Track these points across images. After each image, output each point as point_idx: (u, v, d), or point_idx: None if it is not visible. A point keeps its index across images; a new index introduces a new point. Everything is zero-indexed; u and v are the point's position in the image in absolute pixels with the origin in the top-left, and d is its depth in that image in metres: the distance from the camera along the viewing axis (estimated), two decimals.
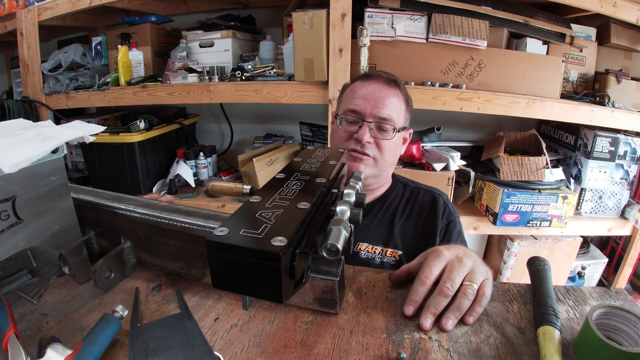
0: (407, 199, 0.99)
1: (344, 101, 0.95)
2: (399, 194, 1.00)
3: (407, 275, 0.59)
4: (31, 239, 0.49)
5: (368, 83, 0.92)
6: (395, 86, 0.92)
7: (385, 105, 0.88)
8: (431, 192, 1.00)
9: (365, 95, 0.89)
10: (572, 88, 1.62)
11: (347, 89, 0.97)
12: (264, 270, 0.32)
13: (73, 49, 1.84)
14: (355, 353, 0.45)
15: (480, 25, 1.35)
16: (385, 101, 0.88)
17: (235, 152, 1.97)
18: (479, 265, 0.56)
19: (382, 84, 0.91)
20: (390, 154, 0.92)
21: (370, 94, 0.89)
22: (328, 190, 0.48)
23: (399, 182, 1.03)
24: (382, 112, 0.88)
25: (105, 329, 0.44)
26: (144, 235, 0.59)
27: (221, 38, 1.64)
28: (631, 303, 0.56)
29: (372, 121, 0.88)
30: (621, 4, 1.30)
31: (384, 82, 0.91)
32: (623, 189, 1.54)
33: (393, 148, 0.92)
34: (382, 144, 0.89)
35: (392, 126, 0.89)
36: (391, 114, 0.88)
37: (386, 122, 0.88)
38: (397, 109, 0.90)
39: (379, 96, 0.89)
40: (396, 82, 0.93)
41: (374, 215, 0.96)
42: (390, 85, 0.91)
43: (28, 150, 0.44)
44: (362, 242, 0.92)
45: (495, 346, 0.46)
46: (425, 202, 0.98)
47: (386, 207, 0.97)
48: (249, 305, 0.53)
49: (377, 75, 0.93)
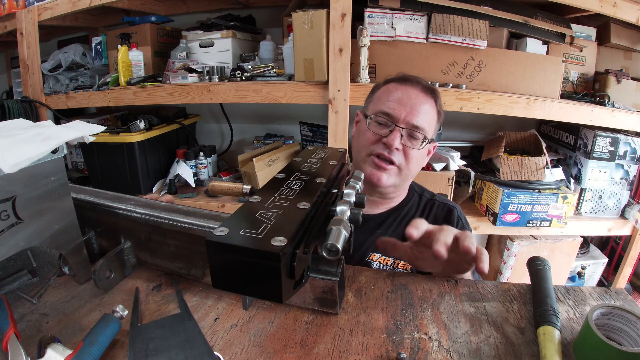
0: (422, 210, 0.97)
1: (374, 101, 0.91)
2: (415, 204, 0.98)
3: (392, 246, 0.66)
4: (31, 239, 0.49)
5: (405, 87, 0.88)
6: (432, 95, 0.89)
7: (419, 113, 0.85)
8: (446, 205, 0.98)
9: (401, 99, 0.85)
10: (572, 88, 1.62)
11: (380, 89, 0.93)
12: (264, 270, 0.32)
13: (73, 49, 1.84)
14: (355, 353, 0.45)
15: (480, 25, 1.35)
16: (420, 109, 0.85)
17: (235, 152, 1.97)
18: None
19: (420, 90, 0.87)
20: (415, 164, 0.89)
21: (407, 98, 0.85)
22: (328, 190, 0.48)
23: (415, 192, 1.01)
24: (416, 119, 0.84)
25: (105, 329, 0.44)
26: (144, 235, 0.59)
27: (221, 38, 1.64)
28: (631, 303, 0.56)
29: (404, 127, 0.84)
30: (621, 4, 1.30)
31: (422, 89, 0.88)
32: (623, 189, 1.54)
33: (419, 159, 0.89)
34: (410, 153, 0.86)
35: (423, 135, 0.85)
36: (424, 123, 0.85)
37: (418, 130, 0.85)
38: (430, 119, 0.87)
39: (415, 103, 0.85)
40: (434, 92, 0.90)
41: (388, 225, 0.93)
42: (428, 94, 0.88)
43: (28, 150, 0.44)
44: (374, 252, 0.89)
45: (495, 346, 0.46)
46: (440, 215, 0.96)
47: (401, 218, 0.95)
48: (249, 305, 0.53)
49: (415, 80, 0.89)
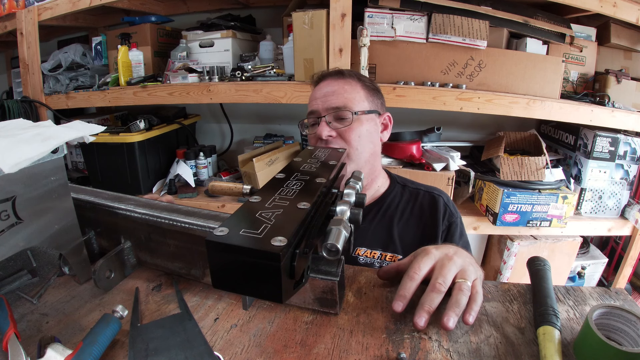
0: (407, 200, 0.95)
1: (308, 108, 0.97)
2: (397, 195, 0.97)
3: (395, 272, 0.58)
4: (31, 239, 0.49)
5: (319, 85, 0.94)
6: (342, 77, 0.92)
7: (334, 94, 0.88)
8: (431, 193, 0.96)
9: (317, 96, 0.92)
10: (572, 88, 1.62)
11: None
12: (264, 270, 0.32)
13: (73, 49, 1.84)
14: (355, 353, 0.45)
15: (480, 25, 1.35)
16: (334, 92, 0.89)
17: (235, 152, 1.97)
18: (470, 264, 0.55)
19: (330, 79, 0.93)
20: (360, 142, 0.88)
21: (319, 92, 0.92)
22: (328, 190, 0.48)
23: (397, 183, 1.00)
24: (333, 102, 0.88)
25: (105, 329, 0.44)
26: (144, 235, 0.59)
27: (221, 38, 1.64)
28: (631, 303, 0.56)
29: (325, 115, 0.88)
30: (621, 4, 1.30)
31: (331, 77, 0.93)
32: (623, 189, 1.54)
33: (364, 135, 0.88)
34: (345, 133, 0.87)
35: (348, 111, 0.87)
36: (344, 101, 0.88)
37: (340, 110, 0.87)
38: (351, 95, 0.89)
39: (327, 91, 0.90)
40: (342, 73, 0.93)
41: (371, 218, 0.92)
42: (338, 78, 0.92)
43: (28, 150, 0.44)
44: (360, 246, 0.89)
45: (495, 346, 0.46)
46: (425, 203, 0.94)
47: (384, 210, 0.94)
48: (249, 305, 0.53)
49: (325, 74, 0.95)
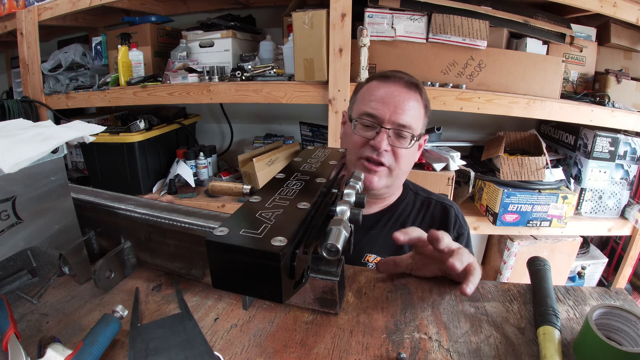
0: (418, 209, 0.95)
1: (358, 102, 0.88)
2: (410, 203, 0.95)
3: (393, 265, 0.60)
4: (31, 239, 0.49)
5: (387, 84, 0.85)
6: (416, 90, 0.85)
7: (404, 110, 0.81)
8: (442, 203, 0.95)
9: (384, 98, 0.82)
10: (572, 88, 1.62)
11: (362, 88, 0.90)
12: (264, 270, 0.32)
13: (73, 49, 1.84)
14: (355, 353, 0.45)
15: (480, 25, 1.35)
16: (405, 106, 0.82)
17: (235, 152, 1.97)
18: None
19: (403, 86, 0.84)
20: (406, 162, 0.87)
21: (390, 97, 0.82)
22: (328, 190, 0.48)
23: (410, 190, 0.98)
24: (401, 118, 0.81)
25: (105, 329, 0.44)
26: (144, 235, 0.59)
27: (221, 38, 1.64)
28: (631, 303, 0.56)
29: (390, 127, 0.81)
30: (621, 4, 1.30)
31: (404, 84, 0.84)
32: (623, 189, 1.54)
33: (409, 156, 0.87)
34: (399, 152, 0.83)
35: (410, 134, 0.83)
36: (411, 120, 0.82)
37: (405, 129, 0.82)
38: (416, 114, 0.84)
39: (398, 100, 0.82)
40: (417, 86, 0.86)
41: (383, 225, 0.91)
42: (411, 89, 0.85)
43: (28, 150, 0.44)
44: (369, 253, 0.87)
45: (495, 346, 0.46)
46: (437, 213, 0.94)
47: (396, 217, 0.92)
48: (249, 305, 0.53)
49: (397, 76, 0.86)
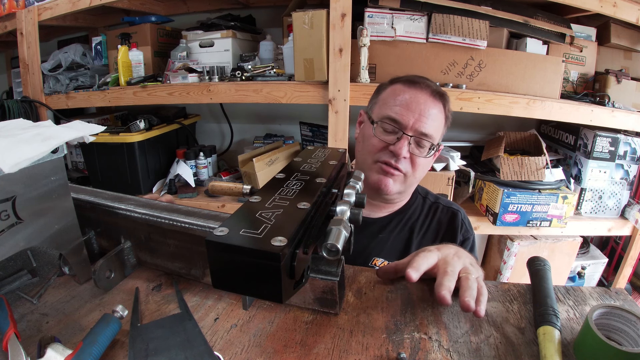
0: (426, 214, 0.95)
1: (380, 103, 0.87)
2: (419, 207, 0.96)
3: (394, 271, 0.59)
4: (31, 239, 0.49)
5: (413, 90, 0.83)
6: (441, 100, 0.85)
7: (428, 119, 0.81)
8: (450, 209, 0.95)
9: (409, 104, 0.81)
10: (572, 88, 1.62)
11: (386, 90, 0.88)
12: (264, 270, 0.32)
13: (73, 49, 1.84)
14: (355, 353, 0.45)
15: (480, 25, 1.35)
16: (428, 114, 0.81)
17: (235, 152, 1.97)
18: (470, 264, 0.57)
19: (429, 95, 0.83)
20: (421, 171, 0.87)
21: (415, 103, 0.81)
22: (328, 190, 0.48)
23: (419, 194, 0.98)
24: (424, 127, 0.80)
25: (105, 329, 0.44)
26: (144, 235, 0.59)
27: (221, 38, 1.64)
28: (631, 303, 0.56)
29: (412, 135, 0.81)
30: (621, 4, 1.30)
31: (431, 93, 0.83)
32: (623, 189, 1.54)
33: (425, 165, 0.87)
34: (417, 160, 0.83)
35: (430, 143, 0.83)
36: (432, 130, 0.82)
37: (426, 138, 0.82)
38: (438, 125, 0.84)
39: (423, 108, 0.81)
40: (443, 96, 0.85)
41: (391, 229, 0.91)
42: (437, 98, 0.84)
43: (28, 150, 0.44)
44: (377, 256, 0.88)
45: (495, 346, 0.46)
46: (444, 218, 0.94)
47: (405, 222, 0.93)
48: (249, 305, 0.53)
49: (425, 84, 0.85)
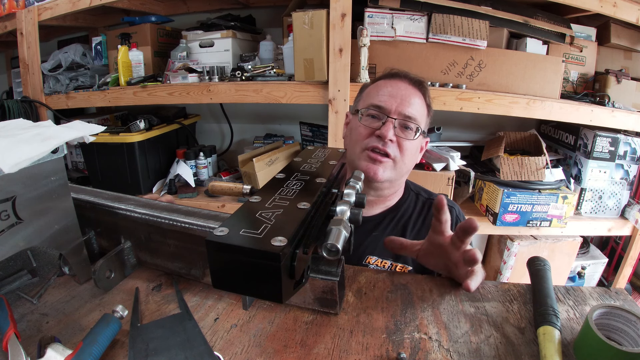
0: (419, 210, 0.95)
1: (364, 98, 0.92)
2: (411, 204, 0.96)
3: (399, 246, 0.65)
4: (31, 239, 0.49)
5: (394, 81, 0.89)
6: (420, 89, 0.89)
7: (410, 104, 0.86)
8: None
9: (391, 93, 0.87)
10: (572, 88, 1.62)
11: (368, 87, 0.94)
12: (264, 270, 0.32)
13: (73, 49, 1.84)
14: (355, 353, 0.45)
15: (480, 25, 1.35)
16: (411, 100, 0.86)
17: (235, 152, 1.97)
18: None
19: (409, 84, 0.89)
20: (410, 157, 0.89)
21: (396, 91, 0.87)
22: (328, 190, 0.48)
23: (411, 191, 0.99)
24: (407, 110, 0.85)
25: (105, 329, 0.44)
26: (144, 235, 0.59)
27: (221, 38, 1.64)
28: (631, 303, 0.56)
29: (396, 118, 0.84)
30: (621, 4, 1.30)
31: (410, 82, 0.89)
32: (623, 189, 1.54)
33: (413, 152, 0.89)
34: (404, 144, 0.86)
35: (416, 126, 0.86)
36: (416, 113, 0.86)
37: (411, 120, 0.85)
38: (420, 110, 0.88)
39: (405, 94, 0.86)
40: (422, 85, 0.90)
41: (384, 227, 0.92)
42: (416, 87, 0.89)
43: (28, 150, 0.44)
44: (371, 255, 0.88)
45: (495, 346, 0.46)
46: None
47: (397, 219, 0.93)
48: (249, 305, 0.53)
49: (403, 74, 0.91)
